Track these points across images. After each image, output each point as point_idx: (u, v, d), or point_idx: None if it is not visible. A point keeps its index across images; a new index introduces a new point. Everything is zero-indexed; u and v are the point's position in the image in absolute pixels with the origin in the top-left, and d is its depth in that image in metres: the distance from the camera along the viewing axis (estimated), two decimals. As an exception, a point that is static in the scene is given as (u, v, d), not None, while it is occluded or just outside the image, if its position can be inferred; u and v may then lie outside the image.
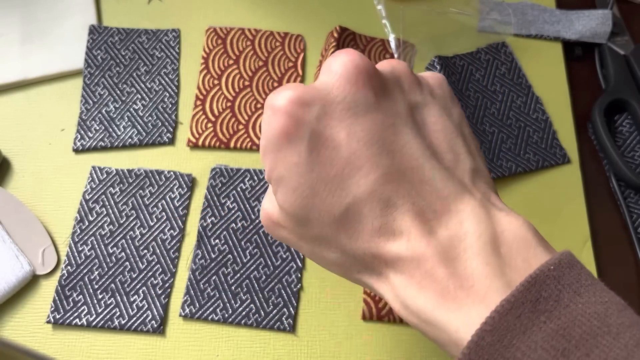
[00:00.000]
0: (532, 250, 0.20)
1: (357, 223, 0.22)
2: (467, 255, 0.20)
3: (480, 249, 0.20)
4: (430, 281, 0.20)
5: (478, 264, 0.20)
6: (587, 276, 0.19)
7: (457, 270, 0.20)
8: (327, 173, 0.21)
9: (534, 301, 0.18)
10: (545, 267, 0.19)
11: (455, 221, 0.21)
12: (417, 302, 0.21)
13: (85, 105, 0.39)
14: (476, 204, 0.21)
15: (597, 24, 0.42)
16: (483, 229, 0.21)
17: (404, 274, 0.21)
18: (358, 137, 0.21)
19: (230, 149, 0.38)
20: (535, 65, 0.41)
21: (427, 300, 0.20)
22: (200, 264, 0.34)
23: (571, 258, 0.20)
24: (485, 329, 0.18)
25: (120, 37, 0.41)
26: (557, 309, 0.18)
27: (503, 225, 0.21)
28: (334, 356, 0.32)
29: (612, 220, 0.37)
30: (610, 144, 0.38)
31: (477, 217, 0.21)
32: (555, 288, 0.19)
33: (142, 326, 0.33)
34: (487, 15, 0.42)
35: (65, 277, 0.34)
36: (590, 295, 0.19)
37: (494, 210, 0.21)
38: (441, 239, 0.21)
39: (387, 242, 0.21)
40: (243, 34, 0.41)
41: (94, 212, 0.35)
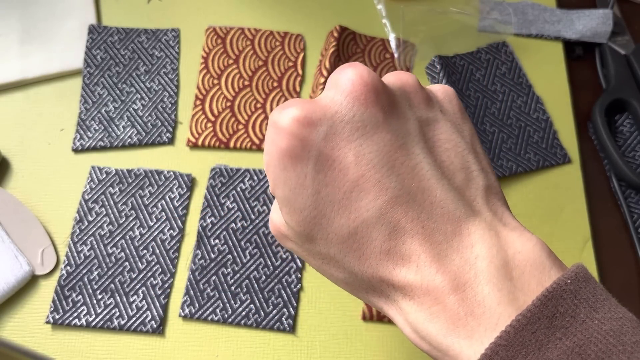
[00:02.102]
0: (547, 272, 0.20)
1: (365, 246, 0.21)
2: (478, 280, 0.20)
3: (492, 274, 0.20)
4: (441, 308, 0.20)
5: (490, 290, 0.19)
6: (601, 290, 0.19)
7: (467, 296, 0.19)
8: (334, 195, 0.21)
9: (550, 317, 0.18)
10: (562, 281, 0.19)
11: (466, 244, 0.20)
12: (427, 328, 0.20)
13: (84, 105, 0.39)
14: (487, 226, 0.21)
15: (598, 23, 0.42)
16: (495, 252, 0.20)
17: (413, 299, 0.21)
18: (367, 159, 0.21)
19: (230, 148, 0.38)
20: (535, 65, 0.41)
21: (438, 326, 0.20)
22: (200, 264, 0.34)
23: (586, 272, 0.19)
24: (499, 344, 0.18)
25: (120, 36, 0.41)
26: (574, 325, 0.18)
27: (515, 247, 0.20)
28: (334, 356, 0.32)
29: (612, 220, 0.37)
30: (610, 144, 0.37)
31: (489, 240, 0.20)
32: (572, 303, 0.18)
33: (142, 326, 0.33)
34: (488, 14, 0.42)
35: (64, 278, 0.34)
36: (605, 311, 0.18)
37: (505, 231, 0.21)
38: (451, 265, 0.20)
39: (395, 267, 0.21)
40: (243, 33, 0.41)
41: (94, 212, 0.35)
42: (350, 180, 0.21)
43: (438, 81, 0.40)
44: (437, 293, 0.20)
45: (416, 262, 0.20)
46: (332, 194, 0.21)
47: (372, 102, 0.21)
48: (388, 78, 0.23)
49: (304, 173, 0.21)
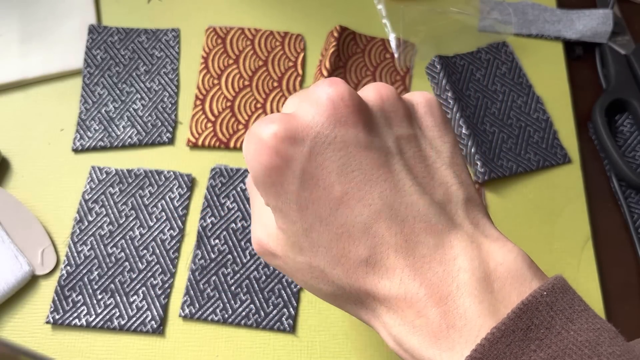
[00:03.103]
0: (527, 284, 0.20)
1: (352, 260, 0.22)
2: (459, 292, 0.20)
3: (473, 286, 0.20)
4: (423, 321, 0.20)
5: (471, 303, 0.20)
6: (579, 302, 0.19)
7: (449, 309, 0.20)
8: (321, 211, 0.22)
9: (525, 329, 0.18)
10: (537, 293, 0.19)
11: (448, 257, 0.21)
12: (410, 341, 0.20)
13: (84, 105, 0.39)
14: (469, 239, 0.21)
15: (598, 23, 0.42)
16: (477, 264, 0.20)
17: (396, 312, 0.21)
18: (349, 178, 0.21)
19: (230, 148, 0.38)
20: (535, 65, 0.41)
21: (420, 339, 0.20)
22: (200, 264, 0.34)
23: (564, 283, 0.19)
24: (475, 357, 0.18)
25: (120, 36, 0.41)
26: (549, 337, 0.18)
27: (497, 259, 0.21)
28: (333, 356, 0.32)
29: (612, 220, 0.37)
30: (611, 144, 0.37)
31: (470, 252, 0.21)
32: (547, 315, 0.18)
33: (142, 326, 0.33)
34: (488, 14, 0.42)
35: (64, 278, 0.34)
36: (582, 322, 0.18)
37: (487, 243, 0.21)
38: (434, 278, 0.20)
39: (380, 280, 0.21)
40: (243, 33, 0.41)
41: (94, 212, 0.35)
42: (334, 197, 0.21)
43: (438, 81, 0.40)
44: (420, 306, 0.20)
45: (400, 276, 0.21)
46: (319, 210, 0.21)
47: (352, 124, 0.21)
48: (367, 93, 0.23)
49: (290, 190, 0.22)
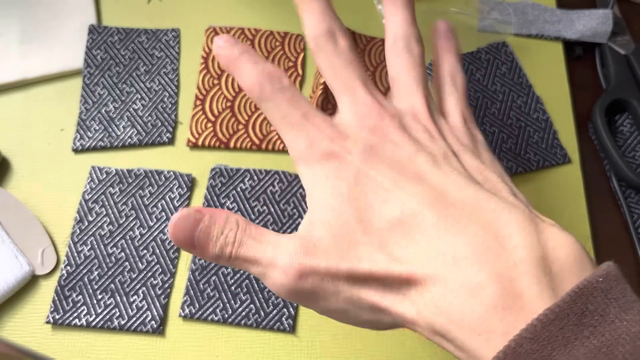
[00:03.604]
0: (587, 269, 0.19)
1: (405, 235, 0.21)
2: (517, 270, 0.19)
3: (532, 265, 0.19)
4: (476, 302, 0.19)
5: (529, 283, 0.18)
6: (631, 292, 0.18)
7: (505, 287, 0.19)
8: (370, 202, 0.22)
9: (579, 314, 0.17)
10: (593, 279, 0.18)
11: (504, 233, 0.20)
12: (453, 329, 0.19)
13: (84, 105, 0.39)
14: (525, 217, 0.20)
15: (598, 23, 0.42)
16: (535, 243, 0.19)
17: (443, 295, 0.19)
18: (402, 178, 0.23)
19: (230, 148, 0.38)
20: (535, 65, 0.41)
21: (469, 324, 0.19)
22: (200, 264, 0.34)
23: (617, 271, 0.19)
24: (525, 336, 0.17)
25: (120, 36, 0.41)
26: (602, 325, 0.17)
27: (555, 241, 0.20)
28: (334, 357, 0.32)
29: (612, 220, 0.37)
30: (611, 144, 0.37)
31: (527, 228, 0.20)
32: (602, 301, 0.18)
33: (142, 326, 0.33)
34: (488, 14, 0.42)
35: (64, 278, 0.34)
36: (635, 313, 0.18)
37: (543, 225, 0.20)
38: (488, 253, 0.19)
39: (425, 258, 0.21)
40: (243, 33, 0.41)
41: (94, 212, 0.35)
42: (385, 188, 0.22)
43: (438, 81, 0.40)
44: (473, 283, 0.19)
45: (450, 252, 0.20)
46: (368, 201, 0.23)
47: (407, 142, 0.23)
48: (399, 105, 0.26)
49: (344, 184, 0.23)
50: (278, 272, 0.22)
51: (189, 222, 0.23)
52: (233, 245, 0.23)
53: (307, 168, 0.24)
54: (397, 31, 0.27)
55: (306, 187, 0.24)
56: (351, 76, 0.25)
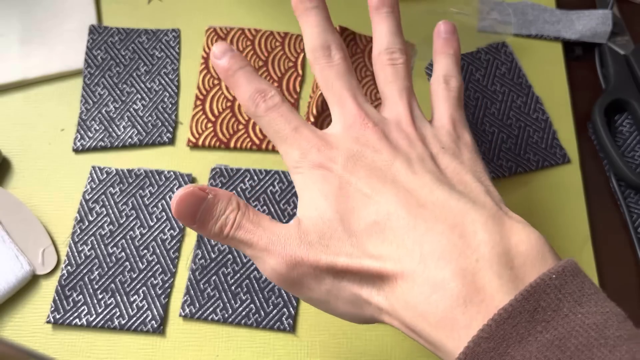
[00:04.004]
0: (548, 264, 0.20)
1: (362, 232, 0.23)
2: (479, 265, 0.20)
3: (493, 260, 0.20)
4: (439, 295, 0.20)
5: (491, 277, 0.19)
6: (590, 285, 0.19)
7: (467, 282, 0.20)
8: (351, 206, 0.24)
9: (531, 311, 0.18)
10: (546, 276, 0.19)
11: (469, 230, 0.21)
12: (420, 323, 0.20)
13: (85, 105, 0.39)
14: (491, 215, 0.21)
15: (597, 23, 0.42)
16: (497, 239, 0.20)
17: (410, 289, 0.21)
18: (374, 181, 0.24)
19: (230, 149, 0.38)
20: (535, 65, 0.41)
21: (434, 318, 0.20)
22: (200, 264, 0.34)
23: (575, 266, 0.19)
24: (482, 336, 0.18)
25: (120, 37, 0.41)
26: (555, 319, 0.18)
27: (519, 236, 0.21)
28: (333, 356, 0.32)
29: (612, 220, 0.37)
30: (610, 144, 0.38)
31: (492, 227, 0.21)
32: (555, 297, 0.18)
33: (142, 326, 0.33)
34: (487, 15, 0.42)
35: (65, 277, 0.34)
36: (591, 305, 0.18)
37: (510, 222, 0.21)
38: (453, 250, 0.21)
39: (393, 252, 0.22)
40: (243, 34, 0.41)
41: (94, 212, 0.35)
42: (364, 194, 0.24)
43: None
44: (437, 278, 0.20)
45: (417, 249, 0.21)
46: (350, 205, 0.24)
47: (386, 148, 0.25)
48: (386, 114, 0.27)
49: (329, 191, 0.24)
50: (271, 258, 0.24)
51: (194, 198, 0.24)
52: (232, 227, 0.24)
53: (298, 175, 0.26)
54: (381, 43, 0.29)
55: (298, 191, 0.26)
56: (342, 88, 0.27)
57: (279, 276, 0.24)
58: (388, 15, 0.30)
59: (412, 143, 0.26)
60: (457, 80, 0.29)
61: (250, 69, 0.28)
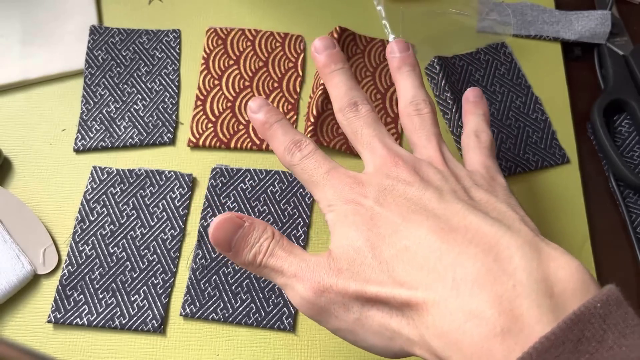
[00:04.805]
0: (591, 292, 0.19)
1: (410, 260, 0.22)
2: (516, 292, 0.19)
3: (531, 288, 0.19)
4: (474, 323, 0.19)
5: (529, 305, 0.18)
6: (633, 316, 0.18)
7: (504, 309, 0.18)
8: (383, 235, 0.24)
9: (575, 341, 0.17)
10: (591, 304, 0.18)
11: (504, 255, 0.20)
12: (451, 354, 0.19)
13: (86, 106, 0.39)
14: (526, 241, 0.21)
15: (596, 24, 0.42)
16: (535, 265, 0.19)
17: (442, 317, 0.20)
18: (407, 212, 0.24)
19: (231, 149, 0.38)
20: (534, 66, 0.41)
21: (467, 350, 0.19)
22: (201, 264, 0.34)
23: (618, 295, 0.19)
24: None
25: (121, 37, 0.41)
26: (600, 352, 0.17)
27: (557, 264, 0.20)
28: (333, 356, 0.33)
29: (611, 220, 0.37)
30: (609, 144, 0.38)
31: (528, 253, 0.20)
32: (599, 328, 0.17)
33: (143, 326, 0.33)
34: (487, 15, 0.42)
35: (66, 277, 0.34)
36: (635, 338, 0.18)
37: (547, 248, 0.21)
38: (487, 275, 0.20)
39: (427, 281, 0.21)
40: (243, 34, 0.41)
41: (95, 212, 0.36)
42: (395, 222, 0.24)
43: (437, 82, 0.40)
44: (472, 305, 0.19)
45: (450, 276, 0.21)
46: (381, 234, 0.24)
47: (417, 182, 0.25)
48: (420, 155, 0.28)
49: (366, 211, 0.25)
50: (300, 285, 0.24)
51: (230, 225, 0.25)
52: (264, 254, 0.25)
53: (331, 213, 0.26)
54: (406, 97, 0.30)
55: (330, 228, 0.26)
56: (370, 135, 0.28)
57: (307, 303, 0.24)
58: (410, 73, 0.31)
59: (445, 178, 0.26)
60: (488, 134, 0.30)
61: (285, 122, 0.29)
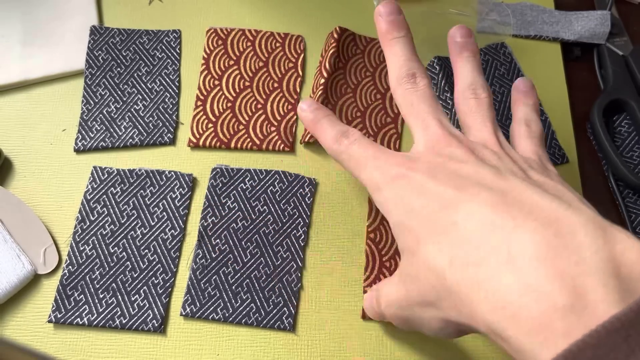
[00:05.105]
0: None
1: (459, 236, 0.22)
2: (579, 269, 0.18)
3: (596, 266, 0.18)
4: (533, 297, 0.18)
5: (593, 284, 0.17)
6: None
7: (566, 286, 0.18)
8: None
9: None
10: None
11: (565, 231, 0.19)
12: (512, 327, 0.18)
13: (86, 106, 0.39)
14: (590, 219, 0.19)
15: (596, 24, 0.42)
16: (600, 244, 0.18)
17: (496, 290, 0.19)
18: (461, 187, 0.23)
19: (231, 149, 0.38)
20: (534, 66, 0.41)
21: (527, 324, 0.18)
22: (201, 264, 0.34)
23: None
24: (588, 342, 0.16)
25: (122, 37, 0.41)
26: None
27: (625, 244, 0.19)
28: (333, 355, 0.33)
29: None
30: (609, 144, 0.38)
31: (592, 231, 0.19)
32: None
33: (143, 325, 0.33)
34: (487, 16, 0.42)
35: (66, 277, 0.34)
36: None
37: (612, 228, 0.19)
38: (548, 250, 0.19)
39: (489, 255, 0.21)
40: (243, 34, 0.41)
41: (95, 211, 0.36)
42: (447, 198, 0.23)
43: (437, 82, 0.40)
44: (531, 280, 0.18)
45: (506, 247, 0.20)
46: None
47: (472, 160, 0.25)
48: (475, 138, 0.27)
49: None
50: None
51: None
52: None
53: (380, 194, 0.26)
54: (465, 81, 0.30)
55: (381, 209, 0.26)
56: (425, 111, 0.28)
57: None
58: (469, 58, 0.31)
59: (501, 159, 0.25)
60: (538, 124, 0.30)
61: (333, 117, 0.30)
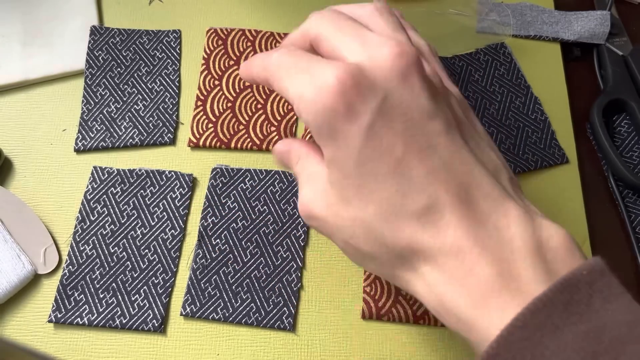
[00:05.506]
0: (577, 259, 0.21)
1: (403, 216, 0.22)
2: (514, 257, 0.20)
3: (528, 253, 0.20)
4: (474, 280, 0.20)
5: (525, 268, 0.20)
6: (617, 285, 0.20)
7: (503, 270, 0.20)
8: (379, 169, 0.22)
9: (565, 303, 0.19)
10: (578, 271, 0.19)
11: (502, 224, 0.21)
12: (455, 300, 0.21)
13: (86, 106, 0.39)
14: (522, 210, 0.22)
15: (596, 24, 0.42)
16: (530, 234, 0.21)
17: (444, 270, 0.21)
18: (413, 140, 0.21)
19: (231, 149, 0.38)
20: (534, 66, 0.41)
21: (467, 298, 0.20)
22: (201, 264, 0.34)
23: (603, 265, 0.20)
24: (515, 325, 0.18)
25: (122, 37, 0.41)
26: (588, 313, 0.19)
27: (549, 232, 0.21)
28: (333, 355, 0.33)
29: (610, 220, 0.37)
30: (608, 144, 0.38)
31: (525, 222, 0.21)
32: (586, 293, 0.19)
33: (143, 325, 0.33)
34: (486, 16, 0.42)
35: (66, 277, 0.34)
36: (619, 304, 0.19)
37: (538, 217, 0.22)
38: (488, 240, 0.21)
39: (432, 236, 0.21)
40: (244, 34, 0.41)
41: (96, 211, 0.36)
42: (395, 158, 0.21)
43: (437, 82, 0.40)
44: (472, 264, 0.21)
45: (454, 233, 0.21)
46: (377, 167, 0.22)
47: (419, 90, 0.22)
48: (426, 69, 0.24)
49: (353, 143, 0.21)
50: None
51: None
52: None
53: None
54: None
55: None
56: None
57: None
58: None
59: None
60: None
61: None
